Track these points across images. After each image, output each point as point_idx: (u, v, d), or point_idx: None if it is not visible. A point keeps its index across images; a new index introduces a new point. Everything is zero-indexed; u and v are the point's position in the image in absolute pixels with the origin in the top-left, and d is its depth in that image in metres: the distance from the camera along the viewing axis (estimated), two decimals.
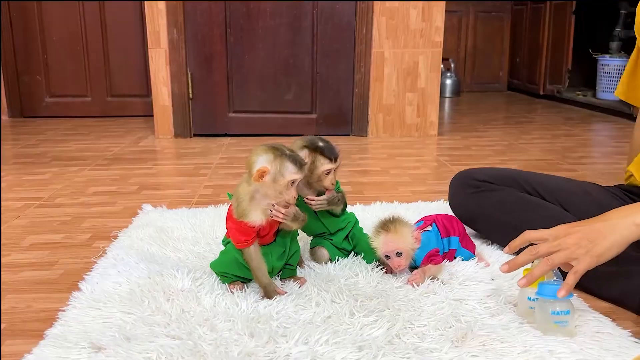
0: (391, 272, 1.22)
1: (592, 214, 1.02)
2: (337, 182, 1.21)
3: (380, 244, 1.17)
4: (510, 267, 1.01)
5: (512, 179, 1.36)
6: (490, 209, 1.35)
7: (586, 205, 1.25)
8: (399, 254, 1.16)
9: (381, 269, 1.22)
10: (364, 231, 1.31)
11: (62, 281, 1.23)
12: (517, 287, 1.12)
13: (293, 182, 1.05)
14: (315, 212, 1.22)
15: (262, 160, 1.04)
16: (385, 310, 1.04)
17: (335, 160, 1.17)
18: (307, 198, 1.19)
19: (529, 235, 1.01)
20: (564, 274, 0.96)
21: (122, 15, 3.49)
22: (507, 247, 1.04)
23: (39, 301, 1.14)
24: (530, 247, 0.99)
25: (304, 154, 1.15)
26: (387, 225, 1.17)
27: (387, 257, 1.18)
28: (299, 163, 1.05)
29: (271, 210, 1.06)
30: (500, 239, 1.34)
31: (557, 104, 4.30)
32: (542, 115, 3.87)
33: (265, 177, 1.03)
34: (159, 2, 2.76)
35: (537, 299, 0.97)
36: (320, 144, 1.16)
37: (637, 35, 1.28)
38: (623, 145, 2.79)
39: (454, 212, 1.45)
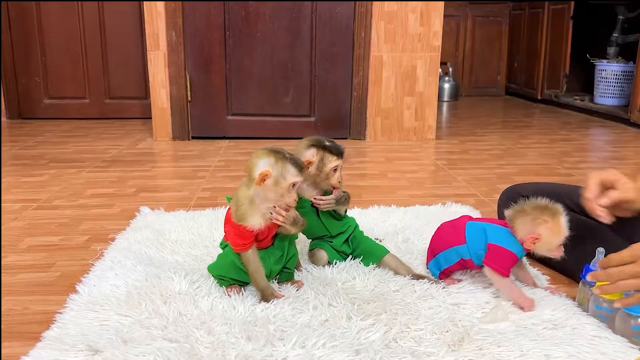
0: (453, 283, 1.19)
1: (637, 232, 1.07)
2: None
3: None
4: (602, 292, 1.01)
5: (556, 194, 1.33)
6: None
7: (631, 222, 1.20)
8: None
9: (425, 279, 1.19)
10: (364, 234, 1.31)
11: (60, 283, 1.23)
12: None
13: (294, 184, 1.06)
14: (317, 214, 1.23)
15: (264, 164, 1.04)
16: (382, 314, 1.05)
17: (342, 155, 1.19)
18: (315, 198, 1.19)
19: (609, 262, 0.99)
20: None
21: (121, 17, 3.50)
22: (590, 276, 1.02)
23: (36, 303, 1.14)
24: (618, 272, 0.96)
25: (311, 152, 1.16)
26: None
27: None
28: (299, 166, 1.06)
29: (272, 213, 1.06)
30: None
31: (554, 109, 4.32)
32: (539, 119, 3.88)
33: (267, 180, 1.03)
34: (157, 5, 2.76)
35: (613, 309, 1.00)
36: (327, 142, 1.19)
37: None
38: (620, 150, 2.80)
39: None
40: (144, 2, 2.77)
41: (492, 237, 1.12)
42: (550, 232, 1.08)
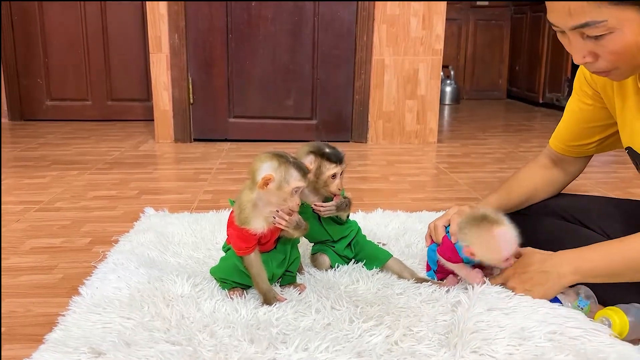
0: (451, 284, 1.17)
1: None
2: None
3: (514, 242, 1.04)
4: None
5: (550, 207, 1.32)
6: (526, 237, 1.30)
7: (626, 226, 1.18)
8: None
9: (416, 281, 1.19)
10: (367, 238, 1.31)
11: (62, 285, 1.23)
12: None
13: (297, 189, 1.06)
14: (319, 219, 1.22)
15: (267, 168, 1.04)
16: (385, 317, 1.04)
17: (341, 162, 1.17)
18: (315, 205, 1.19)
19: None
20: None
21: (124, 19, 3.50)
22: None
23: (38, 305, 1.14)
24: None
25: (310, 159, 1.15)
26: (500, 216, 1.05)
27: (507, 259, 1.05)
28: (302, 170, 1.06)
29: (274, 217, 1.06)
30: None
31: (556, 112, 4.32)
32: (541, 123, 3.88)
33: (270, 184, 1.03)
34: (160, 7, 2.77)
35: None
36: (327, 150, 1.17)
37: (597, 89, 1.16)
38: (622, 154, 2.80)
39: None
40: (147, 2, 2.77)
41: (448, 233, 1.17)
42: (484, 249, 1.06)
